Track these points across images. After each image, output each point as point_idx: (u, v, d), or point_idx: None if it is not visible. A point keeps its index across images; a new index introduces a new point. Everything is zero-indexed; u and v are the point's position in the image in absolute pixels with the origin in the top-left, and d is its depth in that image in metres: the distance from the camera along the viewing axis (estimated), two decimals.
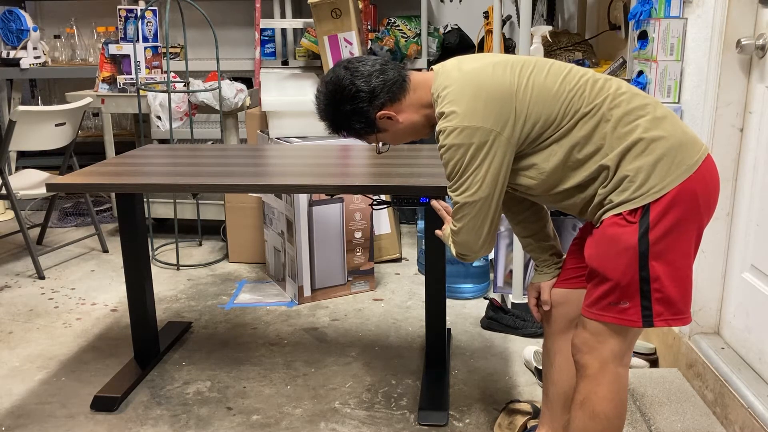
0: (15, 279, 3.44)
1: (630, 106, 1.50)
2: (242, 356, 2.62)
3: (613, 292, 1.50)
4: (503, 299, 2.99)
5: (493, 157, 1.52)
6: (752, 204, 2.02)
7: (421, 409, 2.20)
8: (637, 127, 1.48)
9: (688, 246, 1.50)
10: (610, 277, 1.49)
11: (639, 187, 1.46)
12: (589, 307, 1.55)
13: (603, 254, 1.50)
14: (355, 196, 3.09)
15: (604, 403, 1.56)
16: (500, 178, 1.55)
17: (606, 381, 1.55)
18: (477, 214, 1.57)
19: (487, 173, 1.53)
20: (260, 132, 3.54)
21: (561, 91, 1.52)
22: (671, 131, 1.49)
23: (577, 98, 1.51)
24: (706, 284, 2.18)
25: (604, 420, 1.56)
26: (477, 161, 1.52)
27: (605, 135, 1.49)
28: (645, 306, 1.48)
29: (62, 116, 3.46)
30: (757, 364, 1.98)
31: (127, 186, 2.07)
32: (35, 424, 2.20)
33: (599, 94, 1.52)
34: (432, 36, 4.46)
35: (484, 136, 1.50)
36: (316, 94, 1.69)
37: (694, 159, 1.48)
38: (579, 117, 1.50)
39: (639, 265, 1.46)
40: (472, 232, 1.60)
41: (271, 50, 4.70)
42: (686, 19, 2.25)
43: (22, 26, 4.52)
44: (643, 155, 1.47)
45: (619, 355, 1.56)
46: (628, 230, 1.46)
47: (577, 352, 1.59)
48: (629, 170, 1.47)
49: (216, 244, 3.91)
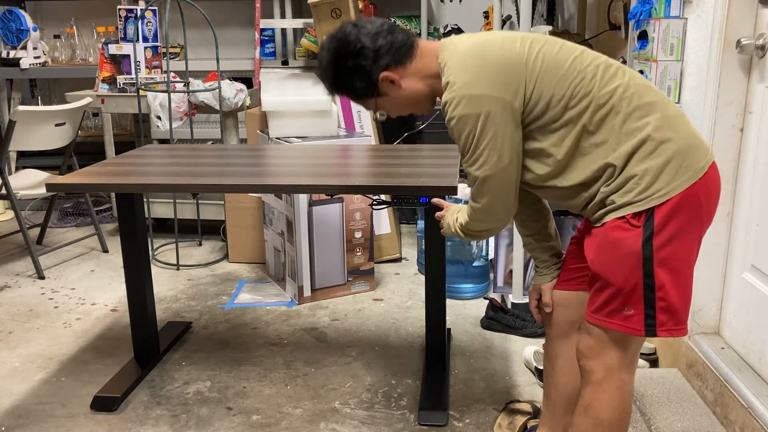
0: (15, 279, 3.44)
1: (642, 101, 1.46)
2: (242, 356, 2.62)
3: (616, 298, 1.47)
4: (503, 299, 2.99)
5: (506, 124, 1.46)
6: (752, 204, 2.02)
7: (421, 409, 2.20)
8: (647, 125, 1.44)
9: (691, 253, 1.47)
10: (613, 282, 1.46)
11: (644, 189, 1.42)
12: (594, 313, 1.52)
13: (606, 259, 1.47)
14: (355, 196, 3.09)
15: (608, 411, 1.54)
16: (516, 145, 1.49)
17: (611, 388, 1.53)
18: (502, 185, 1.51)
19: (504, 141, 1.47)
20: (260, 132, 3.54)
21: (572, 70, 1.47)
22: (681, 133, 1.45)
23: (588, 81, 1.46)
24: (706, 284, 2.18)
25: (608, 427, 1.54)
26: (490, 131, 1.46)
27: (613, 127, 1.45)
28: (648, 315, 1.45)
29: (62, 116, 3.46)
30: (757, 364, 1.98)
31: (127, 186, 2.07)
32: (35, 424, 2.20)
33: (611, 81, 1.47)
34: (432, 36, 4.46)
35: (493, 104, 1.45)
36: (319, 50, 1.63)
37: (701, 164, 1.44)
38: (589, 102, 1.46)
39: (643, 272, 1.43)
40: (500, 205, 1.54)
41: (271, 50, 4.71)
42: (686, 19, 2.25)
43: (22, 26, 4.52)
44: (651, 157, 1.43)
45: (625, 362, 1.53)
46: (632, 234, 1.43)
47: (582, 358, 1.56)
48: (636, 171, 1.43)
49: (216, 244, 3.91)
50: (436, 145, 2.64)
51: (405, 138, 3.96)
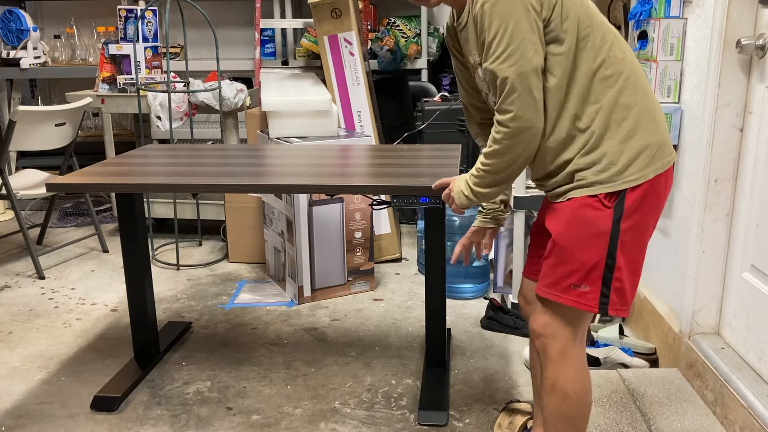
0: (15, 279, 3.44)
1: (638, 83, 1.49)
2: (242, 356, 2.62)
3: (574, 273, 1.50)
4: (503, 299, 3.00)
5: (538, 23, 1.42)
6: (752, 204, 2.02)
7: (421, 409, 2.20)
8: (635, 106, 1.48)
9: (645, 241, 1.53)
10: (577, 258, 1.49)
11: (620, 172, 1.46)
12: (548, 287, 1.54)
13: (573, 235, 1.49)
14: (355, 196, 3.09)
15: (572, 384, 1.59)
16: (542, 48, 1.44)
17: (570, 363, 1.58)
18: (535, 86, 1.43)
19: (538, 38, 1.42)
20: (260, 132, 3.54)
21: (599, 16, 1.48)
22: (662, 127, 1.51)
23: (606, 37, 1.47)
24: (706, 284, 2.18)
25: (575, 398, 1.60)
26: (527, 23, 1.40)
27: (610, 94, 1.46)
28: (604, 293, 1.50)
29: (62, 116, 3.46)
30: (757, 364, 1.98)
31: (127, 186, 2.07)
32: (35, 424, 2.20)
33: (623, 50, 1.49)
34: (432, 36, 4.46)
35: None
36: None
37: (667, 159, 1.50)
38: (600, 55, 1.46)
39: (607, 252, 1.47)
40: (532, 108, 1.44)
41: (271, 50, 4.70)
42: (686, 19, 2.25)
43: (22, 26, 4.52)
44: (631, 139, 1.46)
45: (578, 336, 1.59)
46: (602, 215, 1.47)
47: (538, 338, 1.61)
48: (613, 149, 1.46)
49: (216, 244, 3.91)
50: (436, 145, 2.64)
51: (405, 138, 3.96)
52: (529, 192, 2.69)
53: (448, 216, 3.06)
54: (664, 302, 2.45)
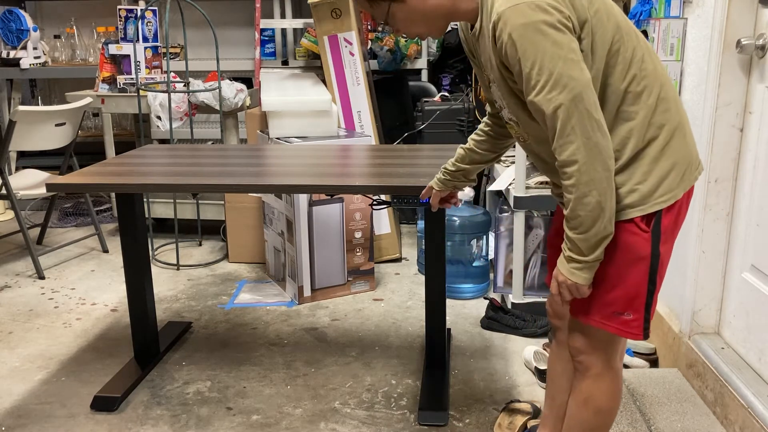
0: (15, 279, 3.44)
1: (668, 95, 1.41)
2: (242, 356, 2.62)
3: (617, 302, 1.45)
4: (503, 299, 2.99)
5: (573, 41, 1.29)
6: (752, 204, 2.02)
7: (421, 409, 2.20)
8: (668, 122, 1.40)
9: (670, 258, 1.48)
10: (619, 286, 1.43)
11: (651, 192, 1.39)
12: (592, 315, 1.48)
13: (612, 262, 1.42)
14: (355, 196, 3.09)
15: (608, 400, 1.57)
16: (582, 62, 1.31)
17: (609, 379, 1.56)
18: (590, 109, 1.29)
19: (577, 55, 1.29)
20: (260, 132, 3.54)
21: (628, 25, 1.38)
22: (691, 142, 1.45)
23: (637, 48, 1.38)
24: (706, 284, 2.18)
25: (607, 413, 1.59)
26: (565, 42, 1.27)
27: (644, 106, 1.38)
28: (646, 319, 1.46)
29: (62, 116, 3.46)
30: (757, 364, 1.98)
31: (127, 186, 2.07)
32: (35, 424, 2.20)
33: (654, 61, 1.41)
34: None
35: (558, 13, 1.27)
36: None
37: (695, 174, 1.45)
38: (631, 70, 1.38)
39: (649, 277, 1.42)
40: (596, 132, 1.29)
41: (271, 50, 4.70)
42: (686, 19, 2.25)
43: (22, 26, 4.52)
44: (661, 158, 1.39)
45: (619, 354, 1.58)
46: (641, 239, 1.40)
47: (579, 354, 1.57)
48: (644, 170, 1.39)
49: (216, 244, 3.91)
50: (436, 145, 2.64)
51: (405, 138, 3.96)
52: (529, 192, 2.69)
53: (448, 216, 3.07)
54: (664, 302, 2.45)
